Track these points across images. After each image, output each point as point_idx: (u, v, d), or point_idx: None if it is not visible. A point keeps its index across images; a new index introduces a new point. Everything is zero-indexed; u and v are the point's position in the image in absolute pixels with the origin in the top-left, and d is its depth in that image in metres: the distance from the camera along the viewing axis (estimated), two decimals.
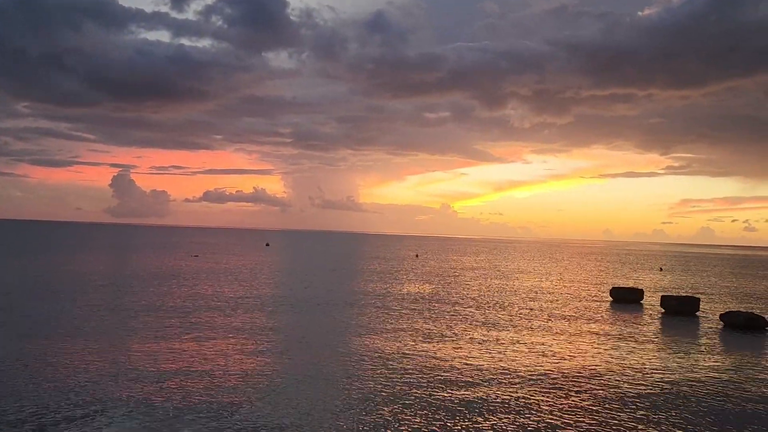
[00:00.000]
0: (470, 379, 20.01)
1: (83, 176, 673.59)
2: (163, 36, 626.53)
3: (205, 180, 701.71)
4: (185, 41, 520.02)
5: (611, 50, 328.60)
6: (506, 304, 41.62)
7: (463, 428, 15.08)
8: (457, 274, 70.41)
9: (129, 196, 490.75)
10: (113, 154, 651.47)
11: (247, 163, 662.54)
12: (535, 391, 18.86)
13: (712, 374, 22.20)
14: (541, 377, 20.66)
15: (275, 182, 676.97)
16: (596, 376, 21.19)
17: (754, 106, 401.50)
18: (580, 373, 21.55)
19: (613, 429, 15.44)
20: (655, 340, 29.31)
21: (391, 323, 31.16)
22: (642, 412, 16.93)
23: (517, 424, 15.56)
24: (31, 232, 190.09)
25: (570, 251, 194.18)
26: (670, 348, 27.18)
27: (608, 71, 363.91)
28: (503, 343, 26.61)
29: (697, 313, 38.63)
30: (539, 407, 17.08)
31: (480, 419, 15.81)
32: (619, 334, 30.26)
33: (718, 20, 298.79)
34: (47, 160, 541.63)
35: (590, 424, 15.71)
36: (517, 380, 20.12)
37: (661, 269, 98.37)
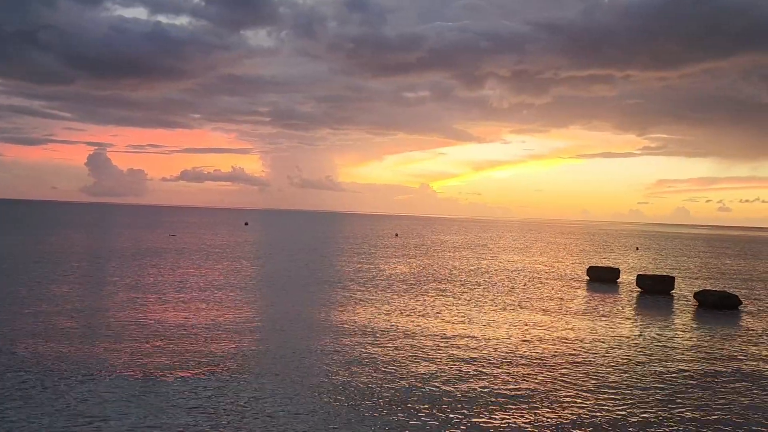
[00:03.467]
0: (452, 353, 20.14)
1: (58, 155, 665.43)
2: (139, 13, 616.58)
3: (183, 159, 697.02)
4: (162, 18, 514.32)
5: (590, 31, 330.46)
6: (486, 282, 41.90)
7: (442, 396, 15.21)
8: (437, 253, 70.69)
9: (105, 175, 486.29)
10: (89, 133, 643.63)
11: (225, 142, 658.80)
12: (514, 365, 19.06)
13: (685, 350, 22.56)
14: (520, 352, 20.86)
15: (254, 161, 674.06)
16: (573, 352, 21.43)
17: (731, 88, 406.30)
18: (557, 348, 21.78)
19: (588, 403, 15.65)
20: (631, 317, 29.71)
21: (373, 301, 31.21)
22: (616, 387, 17.18)
23: (495, 393, 15.71)
24: (5, 211, 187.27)
25: (548, 231, 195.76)
26: (645, 325, 27.57)
27: (587, 52, 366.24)
28: (483, 321, 26.79)
29: (672, 292, 39.19)
30: (517, 380, 17.26)
31: (459, 390, 15.94)
32: (596, 312, 30.62)
33: (696, 2, 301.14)
34: (22, 138, 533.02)
35: (566, 397, 15.90)
36: (496, 356, 20.30)
37: (637, 249, 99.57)
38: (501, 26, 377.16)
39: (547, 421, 14.38)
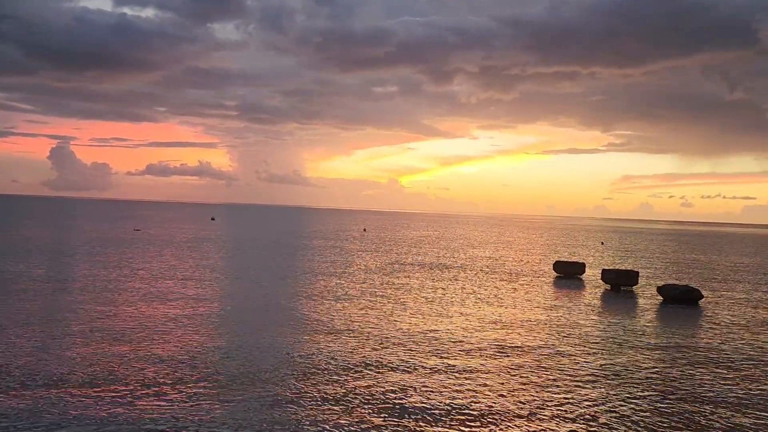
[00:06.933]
0: (419, 347, 20.11)
1: (20, 147, 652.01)
2: (104, 4, 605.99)
3: (148, 153, 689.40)
4: (127, 10, 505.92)
5: (556, 28, 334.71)
6: (453, 277, 42.02)
7: (413, 391, 15.16)
8: (404, 247, 70.72)
9: (68, 169, 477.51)
10: (52, 125, 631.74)
11: (191, 135, 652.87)
12: (482, 359, 19.10)
13: (648, 344, 22.85)
14: (487, 347, 20.91)
15: (221, 156, 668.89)
16: (538, 346, 21.56)
17: (692, 85, 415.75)
18: (523, 342, 21.89)
19: (553, 395, 15.74)
20: (596, 312, 30.03)
21: (340, 294, 31.03)
22: (580, 380, 17.32)
23: (463, 388, 15.71)
24: None
25: (514, 226, 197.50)
26: (609, 319, 27.88)
27: (553, 49, 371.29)
28: (451, 314, 26.83)
29: (636, 286, 39.73)
30: (484, 375, 17.29)
31: (428, 383, 15.90)
32: (562, 307, 30.90)
33: (659, 1, 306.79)
34: None
35: (531, 393, 15.98)
36: (464, 349, 20.32)
37: (602, 244, 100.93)
38: (468, 22, 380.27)
39: (512, 412, 14.43)
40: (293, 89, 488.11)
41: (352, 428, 13.29)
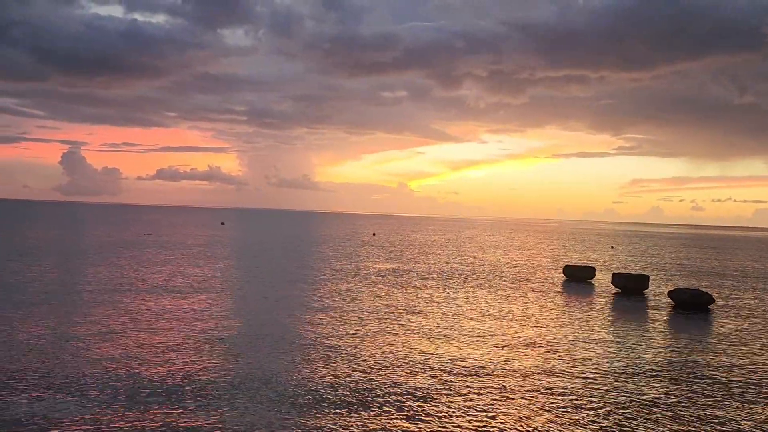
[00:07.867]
0: (430, 365, 20.16)
1: (31, 153, 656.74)
2: (115, 11, 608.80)
3: (159, 158, 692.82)
4: (138, 16, 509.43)
5: (564, 31, 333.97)
6: (462, 282, 42.00)
7: (425, 415, 15.22)
8: (414, 252, 70.73)
9: (80, 174, 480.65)
10: (63, 131, 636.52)
11: (201, 140, 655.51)
12: (492, 380, 19.13)
13: (656, 350, 22.82)
14: (495, 355, 20.93)
15: (230, 160, 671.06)
16: (549, 351, 21.56)
17: (700, 88, 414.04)
18: (533, 349, 21.89)
19: (562, 405, 15.75)
20: (606, 316, 29.98)
21: (350, 301, 31.12)
22: (586, 388, 17.31)
23: (476, 402, 15.77)
24: None
25: (524, 230, 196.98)
26: (619, 324, 27.84)
27: (561, 53, 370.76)
28: (460, 320, 26.85)
29: (647, 291, 39.60)
30: (492, 397, 17.32)
31: (440, 403, 15.96)
32: (571, 311, 30.87)
33: (665, 3, 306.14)
34: None
35: (542, 400, 16.00)
36: (474, 367, 20.35)
37: (612, 248, 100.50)
38: (476, 26, 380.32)
39: (513, 427, 14.46)
40: (302, 94, 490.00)
41: None
